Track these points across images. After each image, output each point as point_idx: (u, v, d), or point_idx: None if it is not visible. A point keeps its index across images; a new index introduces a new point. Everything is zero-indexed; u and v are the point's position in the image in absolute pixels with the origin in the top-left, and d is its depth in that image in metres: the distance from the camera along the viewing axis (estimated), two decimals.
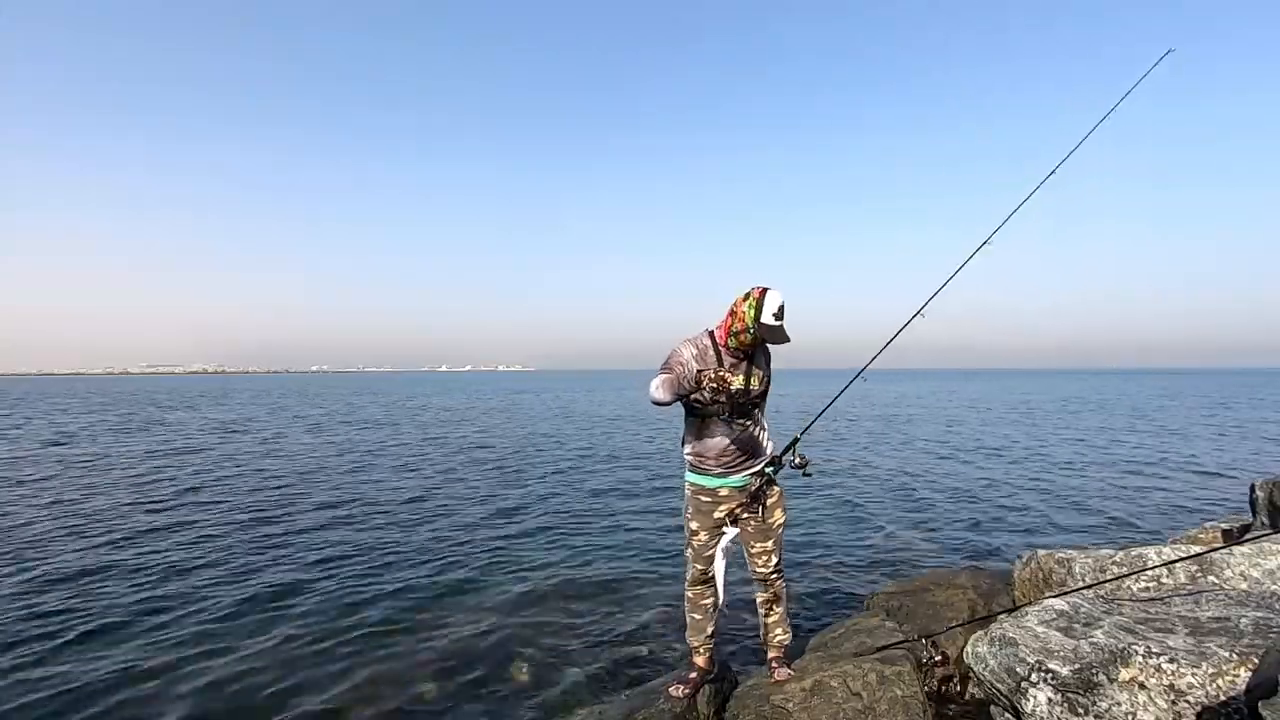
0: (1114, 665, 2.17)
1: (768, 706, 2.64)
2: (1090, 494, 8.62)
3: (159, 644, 3.98)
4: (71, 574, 5.24)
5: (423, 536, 6.51)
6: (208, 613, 4.47)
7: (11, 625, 4.22)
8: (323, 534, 6.59)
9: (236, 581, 5.10)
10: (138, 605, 4.59)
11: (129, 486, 9.24)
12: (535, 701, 3.34)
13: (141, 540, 6.30)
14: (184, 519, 7.22)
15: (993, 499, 8.32)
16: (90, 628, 4.20)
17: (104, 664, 3.71)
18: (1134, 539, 6.14)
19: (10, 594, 4.78)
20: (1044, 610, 2.65)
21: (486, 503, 8.19)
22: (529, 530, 6.78)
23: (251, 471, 10.68)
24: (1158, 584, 3.13)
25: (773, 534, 2.82)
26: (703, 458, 2.74)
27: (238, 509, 7.75)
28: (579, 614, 4.49)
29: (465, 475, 10.37)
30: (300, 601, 4.68)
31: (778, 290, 2.49)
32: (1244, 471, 10.13)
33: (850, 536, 6.45)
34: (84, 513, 7.46)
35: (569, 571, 5.41)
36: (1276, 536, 3.39)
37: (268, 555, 5.82)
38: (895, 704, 2.54)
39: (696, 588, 2.90)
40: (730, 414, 2.67)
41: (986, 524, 7.02)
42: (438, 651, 3.90)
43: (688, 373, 2.54)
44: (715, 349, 2.66)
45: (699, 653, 2.96)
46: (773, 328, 2.47)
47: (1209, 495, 8.58)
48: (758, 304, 2.47)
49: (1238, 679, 2.03)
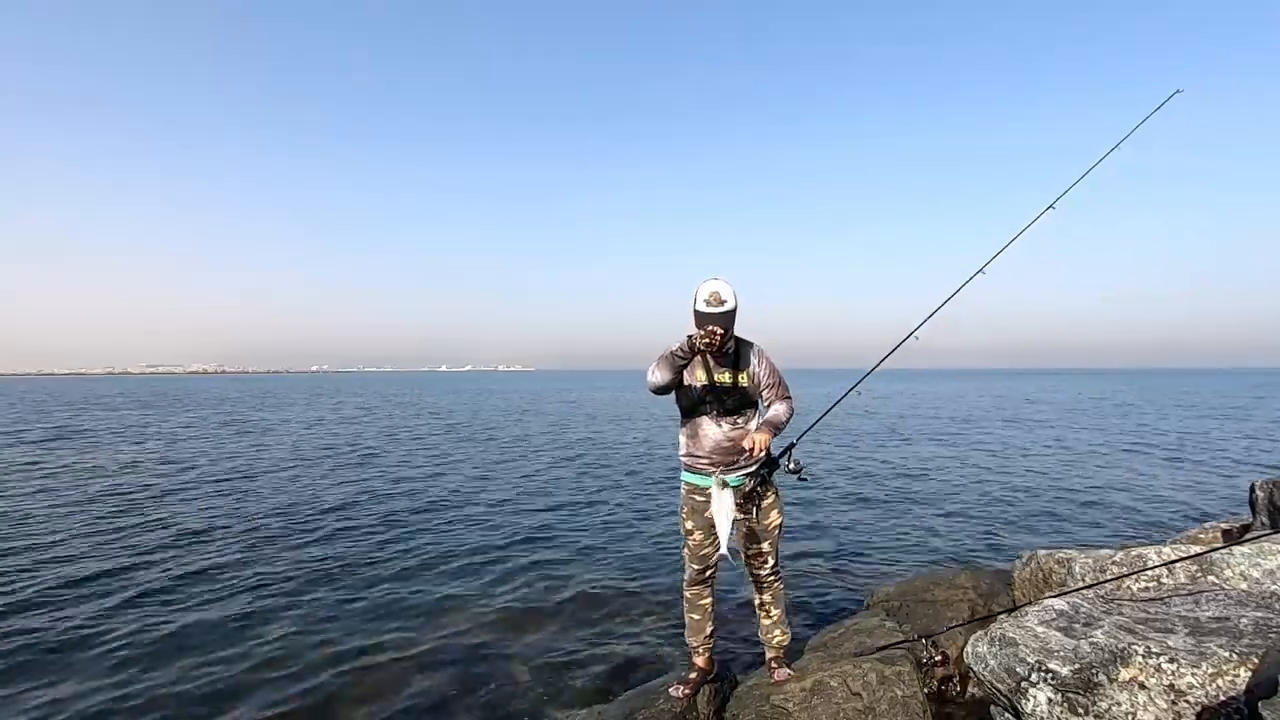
0: (1114, 665, 2.17)
1: (768, 706, 2.64)
2: (1090, 494, 8.62)
3: (159, 643, 3.99)
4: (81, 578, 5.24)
5: (422, 537, 6.50)
6: (208, 611, 4.47)
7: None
8: (322, 534, 6.59)
9: (236, 581, 5.10)
10: (138, 604, 4.60)
11: (38, 492, 9.23)
12: (535, 702, 3.34)
13: (129, 536, 6.30)
14: (166, 518, 7.22)
15: (993, 499, 8.31)
16: (68, 639, 4.20)
17: (91, 672, 3.71)
18: (1134, 539, 6.14)
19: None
20: (1044, 610, 2.65)
21: (486, 503, 8.19)
22: (529, 531, 6.77)
23: (259, 471, 10.68)
24: (1158, 584, 3.13)
25: (769, 535, 2.83)
26: (696, 457, 2.77)
27: (243, 507, 7.76)
28: (578, 614, 4.49)
29: (460, 476, 10.36)
30: (300, 601, 4.68)
31: (714, 280, 2.61)
32: (1244, 471, 10.14)
33: (850, 537, 6.44)
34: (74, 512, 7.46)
35: (568, 572, 5.40)
36: (1276, 536, 3.39)
37: (268, 555, 5.82)
38: (895, 704, 2.54)
39: (694, 588, 2.90)
40: (720, 412, 2.71)
41: (986, 524, 7.02)
42: (437, 652, 3.90)
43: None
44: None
45: (698, 653, 2.96)
46: (706, 314, 2.56)
47: (1209, 495, 8.58)
48: (694, 295, 2.61)
49: (1238, 679, 2.03)
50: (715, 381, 2.71)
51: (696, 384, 2.72)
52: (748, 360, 2.76)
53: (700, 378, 2.72)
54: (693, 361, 2.71)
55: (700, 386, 2.72)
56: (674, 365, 2.59)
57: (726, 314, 2.57)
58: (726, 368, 2.73)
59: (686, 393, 2.76)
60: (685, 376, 2.73)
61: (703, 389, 2.71)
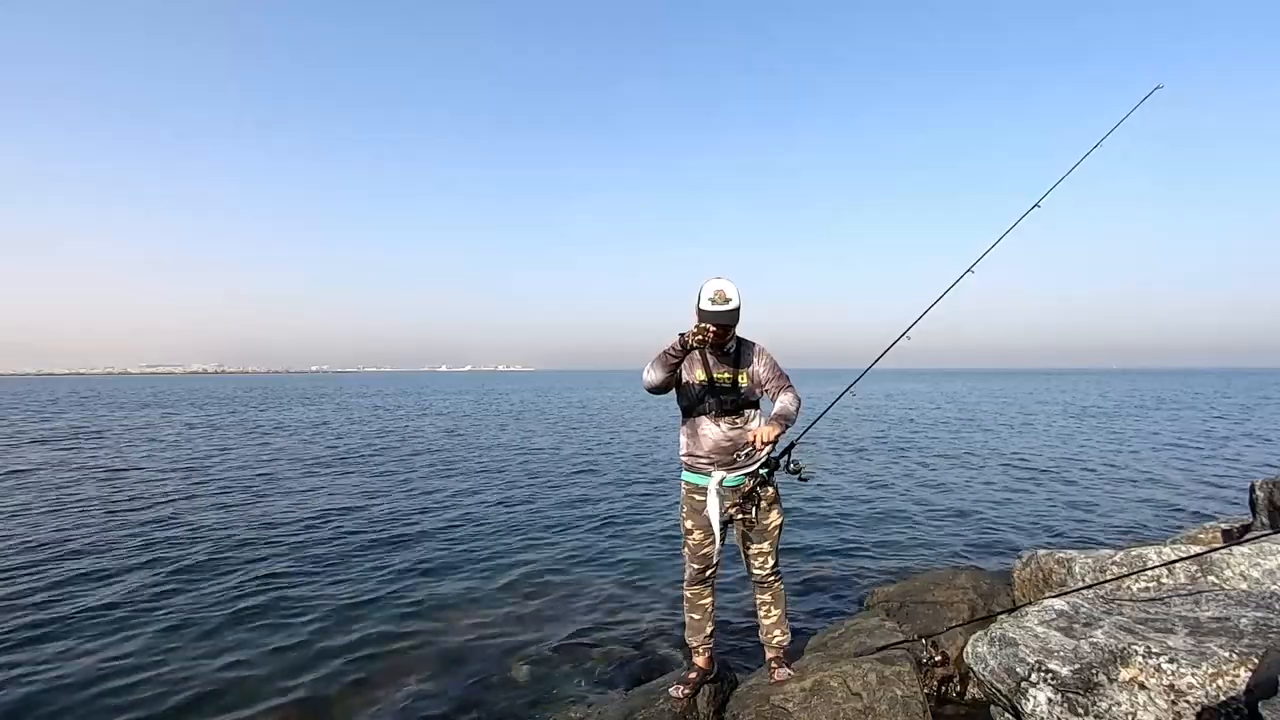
0: (1114, 665, 2.17)
1: (768, 706, 2.63)
2: (1090, 494, 8.62)
3: (157, 644, 3.99)
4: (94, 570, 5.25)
5: (422, 536, 6.51)
6: (208, 612, 4.47)
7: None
8: (321, 534, 6.59)
9: (235, 581, 5.10)
10: (136, 606, 4.60)
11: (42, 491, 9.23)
12: (535, 701, 3.34)
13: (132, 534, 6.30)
14: (177, 516, 7.22)
15: (992, 499, 8.31)
16: (48, 630, 4.20)
17: (80, 664, 3.72)
18: (1134, 539, 6.14)
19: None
20: (1044, 610, 2.65)
21: (482, 504, 8.20)
22: (528, 531, 6.78)
23: (268, 472, 10.68)
24: (1158, 584, 3.13)
25: (769, 535, 2.83)
26: (696, 457, 2.77)
27: (253, 507, 7.76)
28: (578, 614, 4.49)
29: (461, 476, 10.37)
30: (299, 601, 4.68)
31: (718, 278, 2.61)
32: (1245, 471, 10.13)
33: (850, 537, 6.44)
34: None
35: (568, 572, 5.41)
36: (1276, 536, 3.38)
37: (268, 554, 5.82)
38: (895, 704, 2.54)
39: (694, 587, 2.90)
40: (719, 412, 2.71)
41: (987, 524, 7.02)
42: (437, 652, 3.90)
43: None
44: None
45: (698, 653, 2.96)
46: (710, 313, 2.56)
47: (1209, 495, 8.58)
48: (699, 293, 2.61)
49: (1238, 679, 2.03)
50: (715, 380, 2.71)
51: (696, 383, 2.72)
52: (748, 359, 2.77)
53: (700, 376, 2.72)
54: (693, 360, 2.72)
55: (700, 386, 2.72)
56: (668, 363, 2.60)
57: (731, 312, 2.58)
58: (727, 366, 2.73)
59: (686, 391, 2.77)
60: (685, 375, 2.74)
61: (702, 388, 2.72)
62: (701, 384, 2.72)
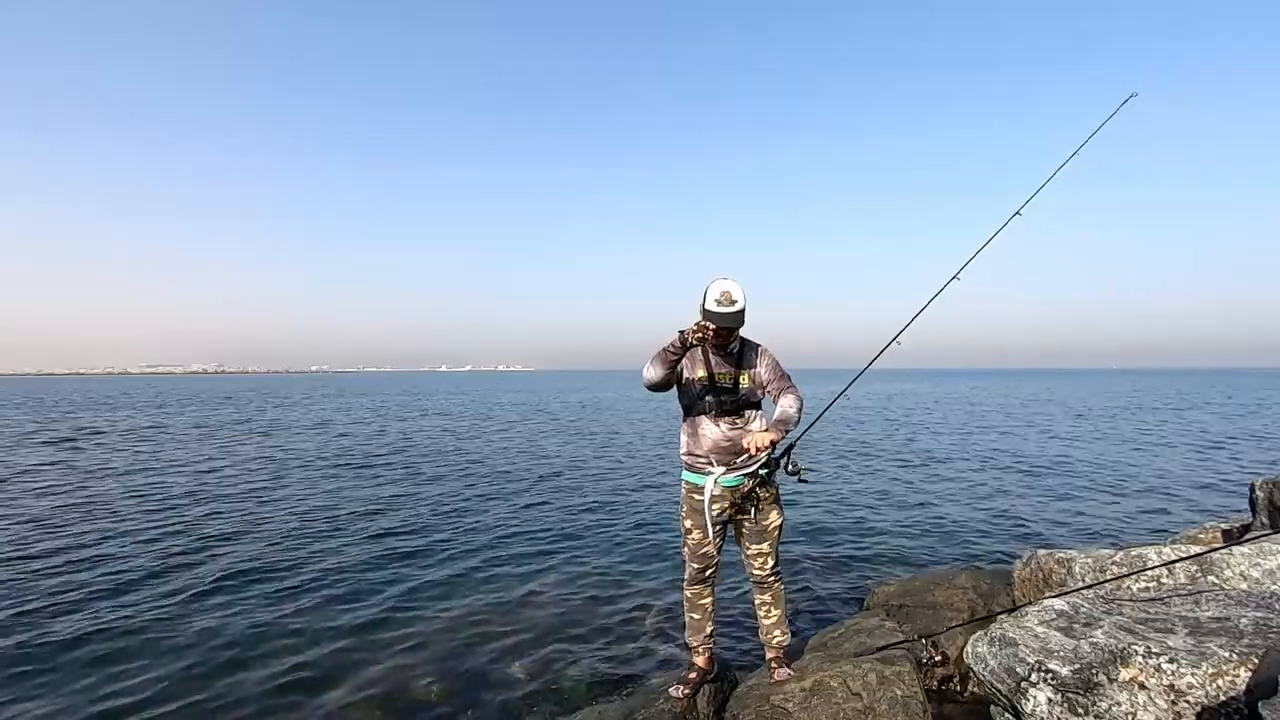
0: (1114, 665, 2.17)
1: (768, 706, 2.64)
2: (1090, 494, 8.61)
3: (157, 643, 3.99)
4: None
5: (421, 537, 6.51)
6: (209, 611, 4.47)
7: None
8: (320, 534, 6.59)
9: (235, 581, 5.10)
10: (135, 603, 4.60)
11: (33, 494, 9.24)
12: (535, 701, 3.34)
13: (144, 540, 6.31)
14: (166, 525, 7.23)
15: (993, 499, 8.31)
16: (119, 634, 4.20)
17: (92, 674, 3.72)
18: (1134, 539, 6.14)
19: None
20: (1044, 610, 2.65)
21: (484, 504, 8.19)
22: (527, 531, 6.77)
23: (273, 472, 10.69)
24: (1158, 584, 3.13)
25: (768, 536, 2.83)
26: (696, 456, 2.78)
27: (259, 509, 7.76)
28: (578, 614, 4.49)
29: (460, 476, 10.37)
30: (299, 601, 4.68)
31: (724, 279, 2.60)
32: (1244, 471, 10.13)
33: (850, 537, 6.44)
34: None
35: (567, 572, 5.40)
36: (1276, 536, 3.38)
37: (268, 554, 5.82)
38: (895, 704, 2.54)
39: (694, 587, 2.91)
40: (719, 411, 2.71)
41: (987, 524, 7.01)
42: (437, 652, 3.90)
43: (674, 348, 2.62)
44: (703, 348, 2.73)
45: (698, 653, 2.96)
46: (716, 314, 2.56)
47: (1209, 495, 8.57)
48: (705, 293, 2.60)
49: (1238, 679, 2.03)
50: (716, 379, 2.71)
51: (697, 381, 2.73)
52: (751, 360, 2.77)
53: (701, 374, 2.72)
54: (695, 358, 2.72)
55: (701, 384, 2.72)
56: (668, 360, 2.61)
57: (736, 314, 2.58)
58: (729, 366, 2.73)
59: (687, 389, 2.77)
60: (686, 372, 2.74)
61: (703, 387, 2.72)
62: (702, 382, 2.72)
